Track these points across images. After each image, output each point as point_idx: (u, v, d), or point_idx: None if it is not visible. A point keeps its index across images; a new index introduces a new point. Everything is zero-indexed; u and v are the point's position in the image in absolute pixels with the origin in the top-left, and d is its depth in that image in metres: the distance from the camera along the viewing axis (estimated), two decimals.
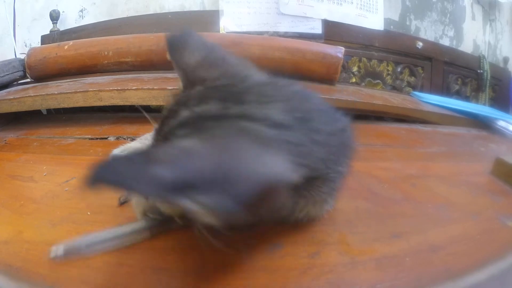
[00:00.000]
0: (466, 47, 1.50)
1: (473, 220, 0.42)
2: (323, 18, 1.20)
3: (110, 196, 0.44)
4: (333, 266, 0.32)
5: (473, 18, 1.51)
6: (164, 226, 0.36)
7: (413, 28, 1.39)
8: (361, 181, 0.49)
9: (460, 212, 0.44)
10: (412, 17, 1.38)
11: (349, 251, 0.34)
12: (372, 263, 0.33)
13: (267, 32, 1.18)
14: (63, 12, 1.25)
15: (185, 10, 1.24)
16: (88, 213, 0.41)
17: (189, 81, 0.32)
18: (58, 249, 0.32)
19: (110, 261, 0.33)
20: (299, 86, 0.34)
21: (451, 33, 1.46)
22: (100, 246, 0.33)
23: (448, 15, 1.45)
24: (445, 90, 1.38)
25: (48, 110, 0.94)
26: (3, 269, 0.33)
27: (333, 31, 1.20)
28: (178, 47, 0.35)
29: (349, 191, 0.45)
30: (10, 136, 0.77)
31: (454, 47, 1.47)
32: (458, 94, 1.42)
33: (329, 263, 0.32)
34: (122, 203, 0.43)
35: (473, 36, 1.51)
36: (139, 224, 0.36)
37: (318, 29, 1.19)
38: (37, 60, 1.00)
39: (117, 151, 0.55)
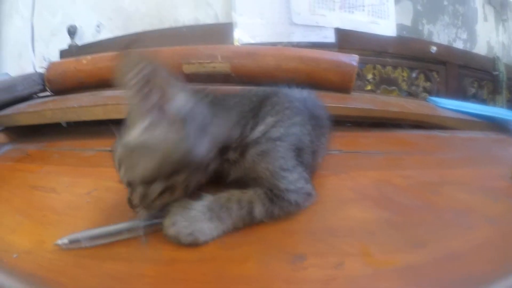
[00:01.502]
0: (480, 49, 1.47)
1: (494, 227, 0.41)
2: (335, 26, 1.20)
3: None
4: (357, 277, 0.32)
5: (485, 19, 1.49)
6: (155, 226, 0.39)
7: (426, 32, 1.37)
8: (381, 190, 0.49)
9: (481, 219, 0.43)
10: (424, 21, 1.37)
11: (372, 261, 0.34)
12: (395, 273, 0.32)
13: (280, 43, 1.19)
14: (80, 27, 1.29)
15: (199, 23, 1.26)
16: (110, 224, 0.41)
17: None
18: (63, 239, 0.37)
19: (132, 272, 0.33)
20: None
21: (464, 35, 1.44)
22: (100, 240, 0.37)
23: (460, 17, 1.43)
24: (461, 94, 1.35)
25: (68, 123, 0.96)
26: (26, 278, 0.33)
27: (346, 39, 1.20)
28: None
29: (369, 200, 0.45)
30: (31, 148, 0.79)
31: (468, 49, 1.45)
32: (475, 98, 1.39)
33: (352, 274, 0.32)
34: None
35: (487, 38, 1.49)
36: (134, 222, 0.39)
37: (331, 37, 1.20)
38: (56, 74, 1.03)
39: None
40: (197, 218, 0.37)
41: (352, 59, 0.92)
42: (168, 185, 0.37)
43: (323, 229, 0.38)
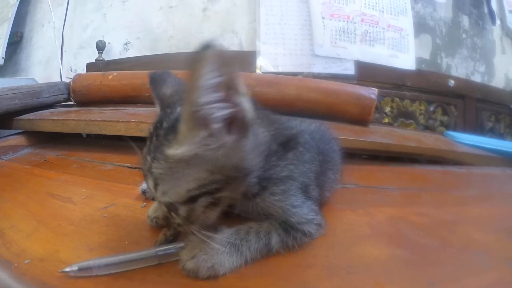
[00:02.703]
0: (498, 82, 1.46)
1: (510, 268, 0.40)
2: (355, 59, 1.22)
3: (148, 228, 0.45)
4: None
5: (503, 51, 1.48)
6: (171, 255, 0.38)
7: (444, 65, 1.38)
8: (397, 227, 0.48)
9: (496, 259, 0.42)
10: (443, 54, 1.37)
11: None
12: None
13: (301, 73, 1.21)
14: (108, 43, 1.35)
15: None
16: (126, 242, 0.42)
17: (164, 105, 0.42)
18: (72, 266, 0.35)
19: None
20: None
21: (482, 68, 1.44)
22: (108, 268, 0.36)
23: (478, 50, 1.43)
24: (478, 128, 1.34)
25: (88, 134, 0.99)
26: (38, 285, 0.34)
27: (366, 72, 1.21)
28: (158, 83, 0.44)
29: (385, 237, 0.45)
30: (50, 154, 0.82)
31: (485, 82, 1.44)
32: (492, 132, 1.37)
33: None
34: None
35: (504, 70, 1.48)
36: (149, 251, 0.38)
37: (351, 70, 1.21)
38: (82, 85, 1.07)
39: (145, 186, 0.56)
40: (217, 251, 0.36)
41: (371, 92, 0.93)
42: (213, 200, 0.35)
43: (338, 264, 0.38)
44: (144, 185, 0.56)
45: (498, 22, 1.43)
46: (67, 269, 0.35)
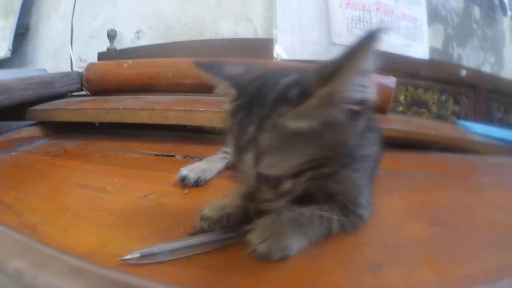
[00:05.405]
0: (508, 72, 1.48)
1: None
2: None
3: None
4: (428, 284, 0.33)
5: None
6: (234, 239, 0.38)
7: (455, 55, 1.39)
8: (430, 210, 0.51)
9: None
10: (454, 44, 1.38)
11: (438, 270, 0.35)
12: (459, 279, 0.34)
13: (318, 61, 1.19)
14: (119, 32, 1.34)
15: (238, 37, 1.29)
16: (181, 230, 0.40)
17: (241, 82, 0.38)
18: (133, 253, 0.33)
19: (222, 280, 0.33)
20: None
21: (492, 59, 1.45)
22: (173, 254, 0.35)
23: (489, 41, 1.45)
24: (488, 118, 1.35)
25: (101, 124, 0.97)
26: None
27: (382, 61, 1.19)
28: (216, 67, 0.41)
29: (422, 218, 0.47)
30: (68, 144, 0.80)
31: (495, 73, 1.45)
32: (501, 123, 1.39)
33: (424, 282, 0.34)
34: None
35: None
36: (211, 236, 0.37)
37: None
38: (95, 75, 1.05)
39: (185, 170, 0.55)
40: (286, 232, 0.36)
41: (390, 81, 0.93)
42: (313, 175, 0.34)
43: (389, 243, 0.40)
44: (183, 172, 0.55)
45: (509, 13, 1.44)
46: (128, 256, 0.33)
